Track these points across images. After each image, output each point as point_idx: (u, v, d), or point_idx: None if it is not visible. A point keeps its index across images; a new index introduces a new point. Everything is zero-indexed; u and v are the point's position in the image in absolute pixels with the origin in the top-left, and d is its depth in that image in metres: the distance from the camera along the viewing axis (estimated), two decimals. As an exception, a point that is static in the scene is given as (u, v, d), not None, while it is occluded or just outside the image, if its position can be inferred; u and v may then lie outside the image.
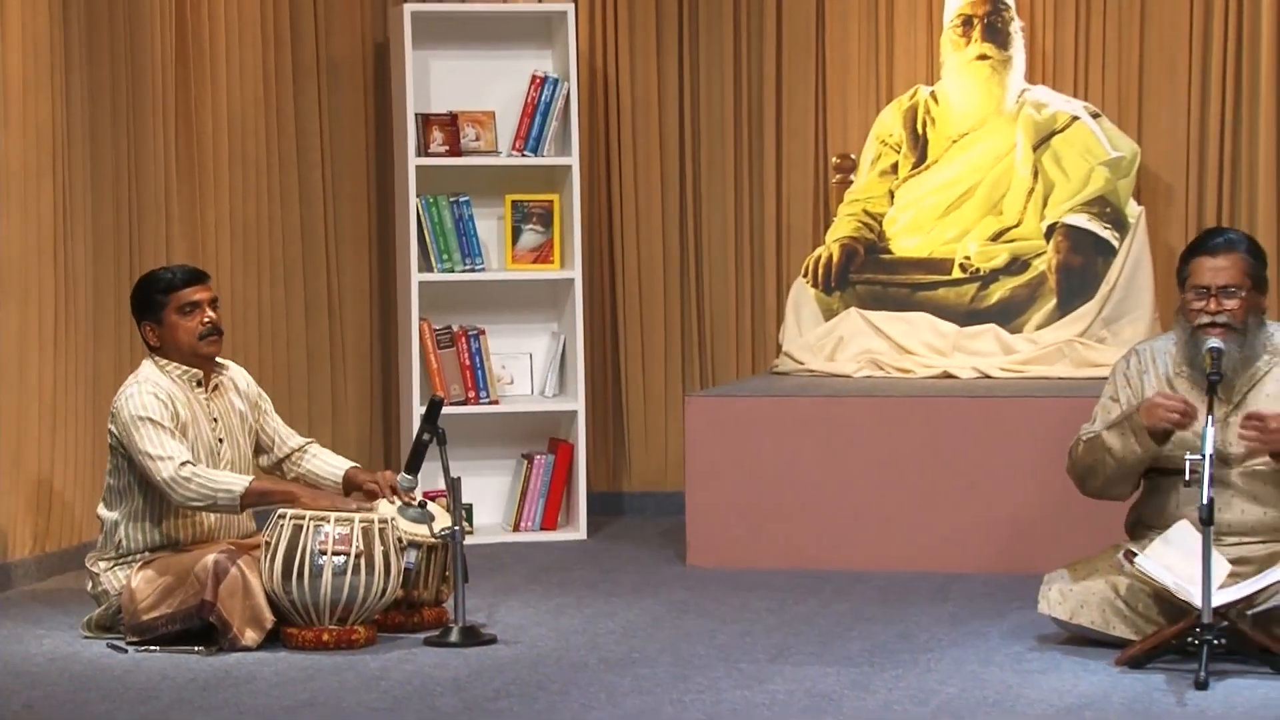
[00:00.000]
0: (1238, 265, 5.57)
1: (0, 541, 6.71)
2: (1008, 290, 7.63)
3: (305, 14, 8.04)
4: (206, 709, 5.06)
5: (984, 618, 6.10)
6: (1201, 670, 5.14)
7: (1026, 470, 6.84)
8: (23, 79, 6.75)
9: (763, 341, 8.23)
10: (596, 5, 8.29)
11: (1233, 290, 5.56)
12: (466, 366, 7.79)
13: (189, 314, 5.96)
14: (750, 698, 5.12)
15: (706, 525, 7.12)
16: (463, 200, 7.82)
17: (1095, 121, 7.70)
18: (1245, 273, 5.58)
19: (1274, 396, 5.58)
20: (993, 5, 7.77)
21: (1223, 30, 7.76)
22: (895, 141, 7.88)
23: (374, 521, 5.77)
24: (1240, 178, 7.79)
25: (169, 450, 5.80)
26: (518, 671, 5.45)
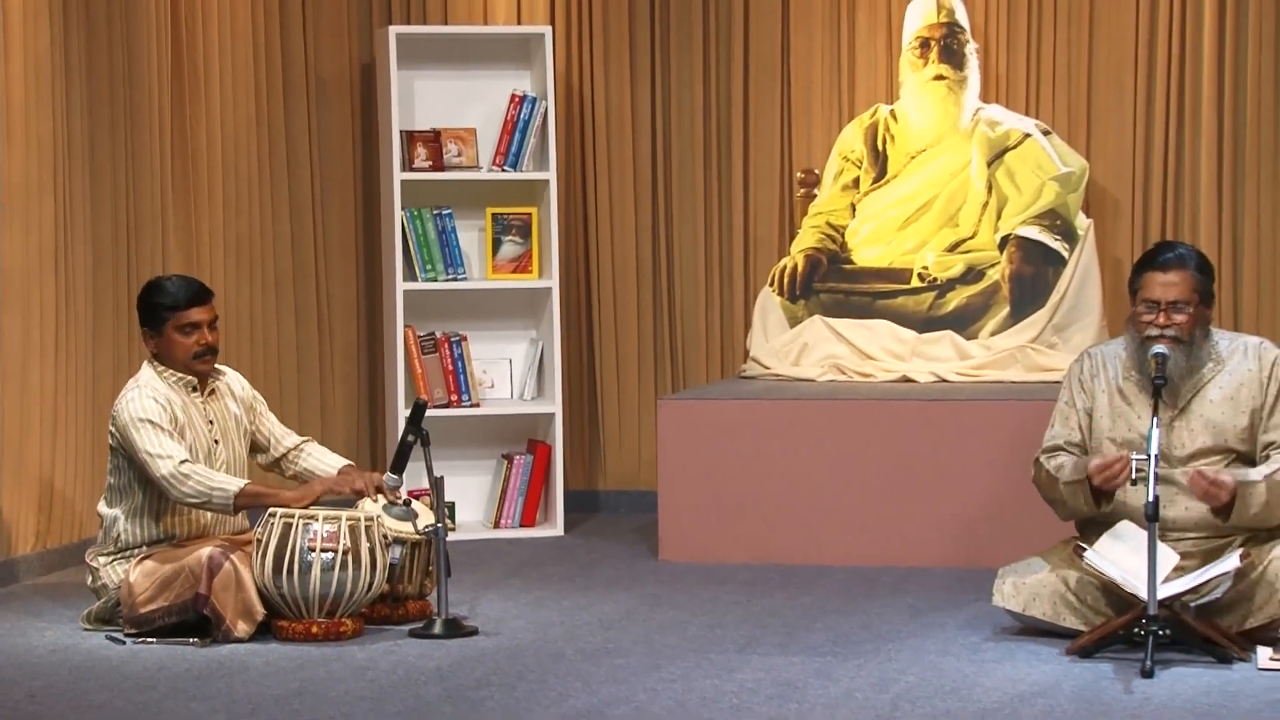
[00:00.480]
0: (1187, 281, 5.58)
1: (5, 538, 6.70)
2: (964, 299, 7.64)
3: (295, 35, 8.03)
4: (201, 698, 5.05)
5: (942, 610, 6.10)
6: (1147, 659, 5.15)
7: (981, 470, 6.85)
8: (25, 97, 6.74)
9: (731, 347, 8.23)
10: (573, 28, 8.28)
11: (1181, 305, 5.57)
12: (449, 371, 7.79)
13: (188, 333, 5.95)
14: (719, 686, 5.12)
15: (678, 522, 7.12)
16: (445, 213, 7.81)
17: (1046, 139, 7.72)
18: (1194, 288, 5.59)
19: (1217, 402, 5.60)
20: (949, 28, 7.78)
21: (1166, 54, 7.78)
22: (857, 157, 7.89)
23: (361, 519, 5.77)
24: (1183, 192, 7.81)
25: (168, 449, 5.79)
26: (498, 661, 5.44)
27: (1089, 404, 5.71)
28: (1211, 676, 5.14)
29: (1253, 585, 5.43)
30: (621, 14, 8.26)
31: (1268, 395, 5.59)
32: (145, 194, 7.32)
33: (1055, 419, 5.77)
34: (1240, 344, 5.68)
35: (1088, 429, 5.71)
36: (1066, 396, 5.77)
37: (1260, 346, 5.67)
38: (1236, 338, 5.74)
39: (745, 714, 4.83)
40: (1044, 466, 5.69)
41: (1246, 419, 5.58)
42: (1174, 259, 5.60)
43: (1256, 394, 5.59)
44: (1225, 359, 5.63)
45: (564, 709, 4.90)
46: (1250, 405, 5.58)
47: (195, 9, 7.59)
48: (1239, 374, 5.61)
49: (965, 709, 4.86)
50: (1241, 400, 5.59)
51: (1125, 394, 5.66)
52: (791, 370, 7.65)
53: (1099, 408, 5.70)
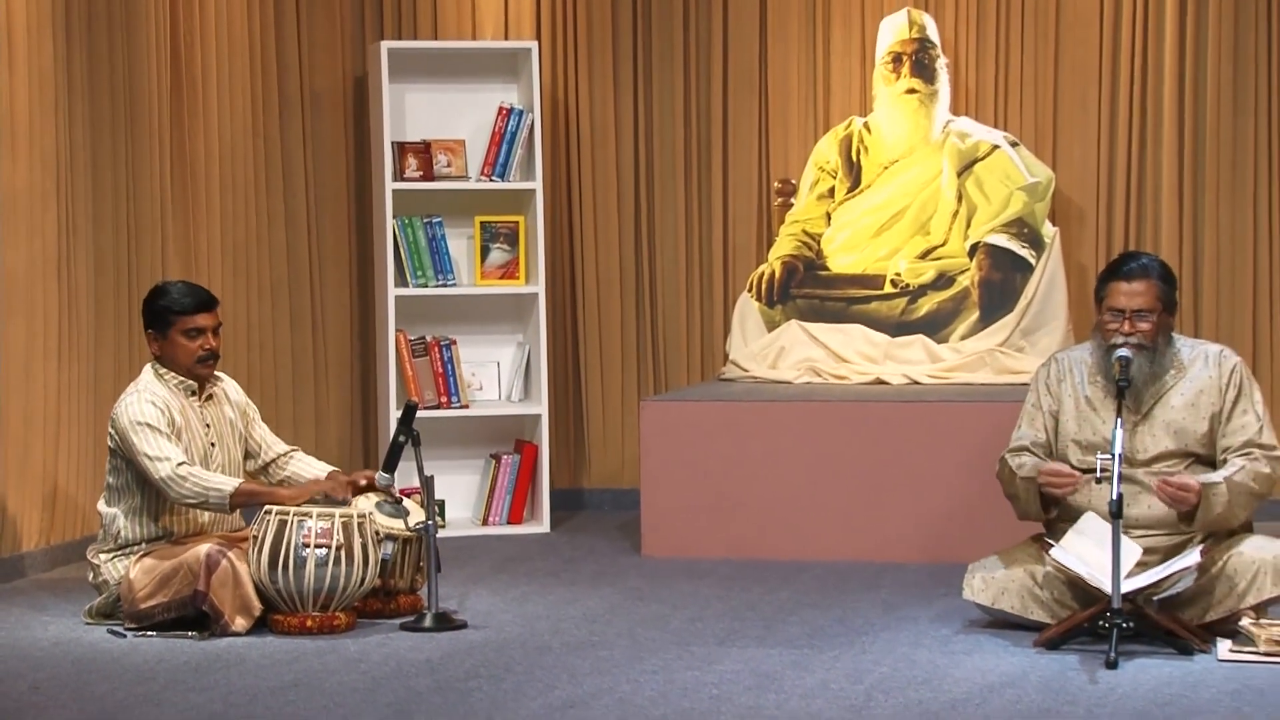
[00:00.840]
0: (1151, 291, 5.60)
1: (11, 535, 6.69)
2: (935, 304, 7.64)
3: (290, 50, 8.03)
4: (199, 689, 5.04)
5: (914, 604, 6.11)
6: (1112, 651, 5.15)
7: (952, 468, 6.85)
8: (29, 109, 6.73)
9: (711, 351, 8.23)
10: (558, 43, 8.29)
11: (1145, 314, 5.59)
12: (439, 374, 7.78)
13: (192, 338, 5.95)
14: (700, 677, 5.12)
15: (660, 519, 7.12)
16: (435, 221, 7.81)
17: (1014, 150, 7.73)
18: (1157, 297, 5.60)
19: (1179, 408, 5.61)
20: (920, 44, 7.79)
21: (1129, 69, 7.80)
22: (832, 168, 7.90)
23: (354, 516, 5.77)
24: (1145, 201, 7.82)
25: (166, 452, 5.79)
26: (486, 654, 5.44)
27: (1055, 407, 5.72)
28: (1173, 667, 5.15)
29: (1213, 580, 5.44)
30: (605, 30, 8.26)
31: (1226, 401, 5.60)
32: (145, 203, 7.31)
33: (1022, 420, 5.78)
34: (1201, 351, 5.69)
35: (1053, 431, 5.72)
36: (1033, 399, 5.78)
37: (1220, 354, 5.68)
38: (1198, 345, 5.75)
39: (725, 704, 4.83)
40: (1008, 463, 5.70)
41: (1206, 424, 5.59)
42: (1138, 269, 5.62)
43: (1216, 400, 5.60)
44: (1187, 366, 5.64)
45: (550, 700, 4.90)
46: (1210, 411, 5.60)
47: (194, 25, 7.58)
48: (1200, 381, 5.62)
49: (937, 699, 4.86)
50: (1202, 406, 5.60)
51: (1090, 399, 5.67)
52: (769, 373, 7.65)
53: (1065, 411, 5.70)
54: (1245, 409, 5.59)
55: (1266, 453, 5.54)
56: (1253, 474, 5.49)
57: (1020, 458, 5.68)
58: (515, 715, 4.75)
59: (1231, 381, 5.61)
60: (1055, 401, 5.72)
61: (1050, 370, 5.79)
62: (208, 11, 7.65)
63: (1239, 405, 5.59)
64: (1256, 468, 5.50)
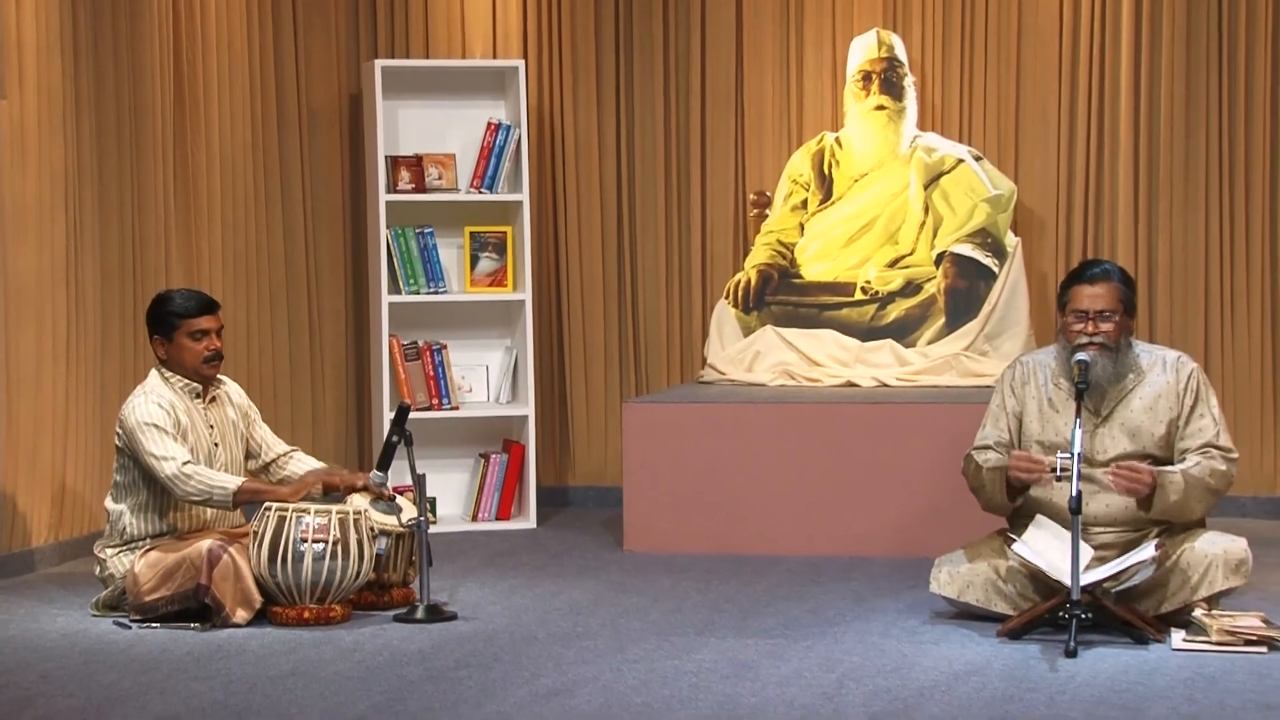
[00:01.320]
0: (1113, 293, 5.61)
1: (21, 531, 6.67)
2: (903, 310, 7.65)
3: (288, 68, 8.02)
4: (201, 678, 5.03)
5: (883, 596, 6.11)
6: (1071, 641, 5.16)
7: (920, 467, 6.86)
8: (38, 125, 6.71)
9: (690, 354, 8.24)
10: (544, 61, 8.28)
11: (1108, 315, 5.60)
12: (430, 377, 7.77)
13: (197, 339, 5.95)
14: (680, 666, 5.11)
15: (641, 515, 7.11)
16: (427, 231, 7.80)
17: (978, 164, 7.74)
18: (1119, 299, 5.62)
19: (1137, 411, 5.61)
20: (889, 63, 7.80)
21: (1087, 86, 7.81)
22: (805, 181, 7.90)
23: (349, 513, 5.76)
24: (1103, 212, 7.84)
25: (172, 451, 5.78)
26: (476, 644, 5.43)
27: (1019, 409, 5.73)
28: (1130, 656, 5.15)
29: (1167, 573, 5.45)
30: (589, 49, 8.26)
31: (1184, 406, 5.61)
32: (149, 214, 7.30)
33: (987, 420, 5.78)
34: (1159, 356, 5.70)
35: (1017, 431, 5.73)
36: (998, 400, 5.78)
37: (1178, 360, 5.69)
38: (1155, 350, 5.76)
39: (703, 692, 4.82)
40: (974, 459, 5.71)
41: (1164, 427, 5.60)
42: (1100, 273, 5.63)
43: (1174, 404, 5.61)
44: (1146, 371, 5.65)
45: (536, 688, 4.89)
46: (1168, 415, 5.60)
47: (196, 45, 7.57)
48: (1158, 385, 5.63)
49: (905, 687, 4.86)
50: (1160, 410, 5.61)
51: (1053, 400, 5.67)
52: (745, 376, 7.65)
53: (1029, 412, 5.71)
54: (1203, 413, 5.60)
55: (1224, 454, 5.56)
56: (1210, 470, 5.50)
57: (985, 454, 5.69)
58: (503, 703, 4.74)
59: (1189, 387, 5.62)
60: (1019, 403, 5.73)
61: (1015, 373, 5.79)
62: (209, 31, 7.64)
63: (1197, 410, 5.60)
64: (1214, 465, 5.52)
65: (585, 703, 4.73)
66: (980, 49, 7.95)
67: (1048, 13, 7.85)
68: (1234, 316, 7.69)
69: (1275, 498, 7.66)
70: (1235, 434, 7.50)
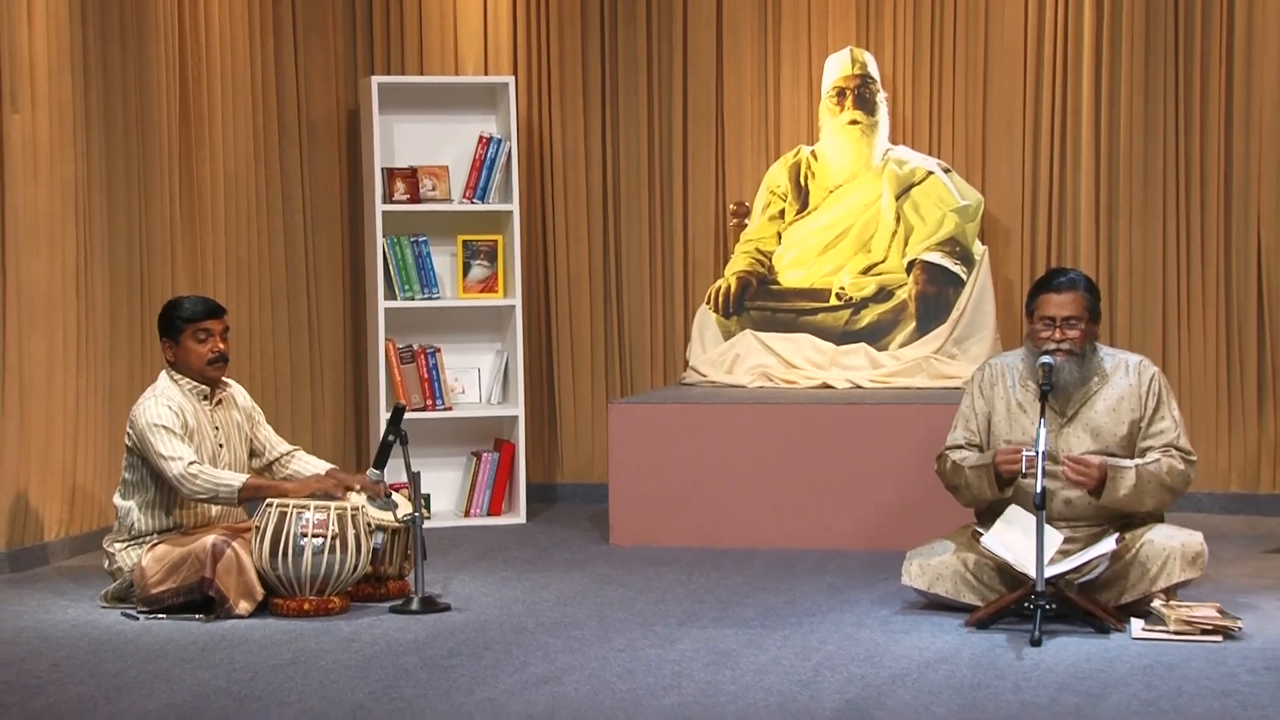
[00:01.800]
0: (1079, 301, 5.62)
1: (34, 526, 6.65)
2: (875, 315, 7.66)
3: (289, 84, 8.01)
4: (205, 667, 5.02)
5: (856, 588, 6.11)
6: (1036, 630, 5.16)
7: (892, 464, 6.86)
8: (50, 140, 6.70)
9: (673, 357, 8.24)
10: (534, 78, 8.28)
11: (1074, 322, 5.61)
12: (425, 379, 7.76)
13: (202, 341, 5.94)
14: (663, 655, 5.11)
15: (627, 511, 7.11)
16: (421, 240, 7.79)
17: (947, 175, 7.75)
18: (1084, 307, 5.63)
19: (1101, 412, 5.62)
20: (862, 79, 7.80)
21: (1050, 102, 7.82)
22: (782, 192, 7.90)
23: (347, 509, 5.75)
24: (1065, 222, 7.85)
25: (179, 452, 5.77)
26: (468, 634, 5.43)
27: (988, 409, 5.73)
28: (1092, 645, 5.16)
29: (1127, 565, 5.46)
30: (576, 66, 8.26)
31: (1146, 409, 5.62)
32: (156, 224, 7.29)
33: (958, 422, 5.79)
34: (1122, 360, 5.72)
35: (986, 431, 5.73)
36: (968, 402, 5.79)
37: (1140, 364, 5.70)
38: (1118, 354, 5.77)
39: (685, 680, 4.82)
40: (949, 458, 5.71)
41: (1126, 428, 5.61)
42: (1066, 282, 5.65)
43: (1136, 407, 5.62)
44: (1110, 374, 5.66)
45: (526, 675, 4.89)
46: (1130, 416, 5.61)
47: (200, 62, 7.56)
48: (1121, 387, 5.64)
49: (878, 674, 4.86)
50: (1122, 411, 5.62)
51: (1021, 402, 5.68)
52: (726, 378, 7.66)
53: (997, 413, 5.71)
54: (1164, 415, 5.62)
55: (1184, 455, 5.57)
56: (1167, 468, 5.51)
57: (960, 453, 5.69)
58: (494, 690, 4.73)
59: (1151, 390, 5.63)
60: (988, 405, 5.73)
61: (984, 375, 5.80)
62: (213, 49, 7.63)
63: (1158, 412, 5.62)
64: (1171, 463, 5.53)
65: (573, 690, 4.73)
66: (949, 67, 7.96)
67: (1013, 32, 7.86)
68: (1190, 320, 7.70)
69: (1230, 494, 7.68)
70: (1191, 433, 7.52)
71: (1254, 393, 7.63)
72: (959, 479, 5.67)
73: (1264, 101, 7.55)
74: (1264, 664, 4.91)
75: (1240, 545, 6.85)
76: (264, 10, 7.89)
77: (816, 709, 4.52)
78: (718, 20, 8.18)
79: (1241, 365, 7.64)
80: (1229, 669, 4.86)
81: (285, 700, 4.65)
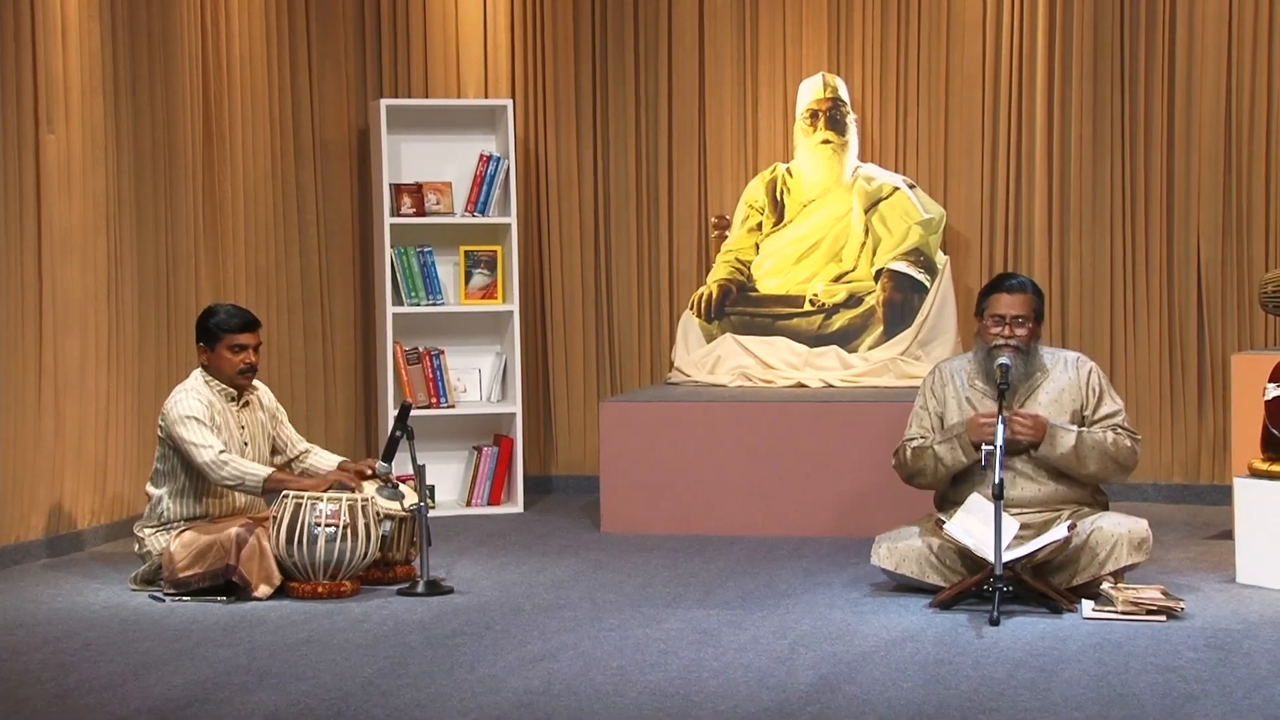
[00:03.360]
0: (1027, 302, 5.63)
1: (69, 515, 6.63)
2: (846, 320, 7.65)
3: (304, 107, 7.99)
4: (227, 645, 5.01)
5: (829, 571, 6.11)
6: (995, 611, 5.17)
7: (862, 457, 6.86)
8: (83, 158, 6.68)
9: (659, 359, 8.23)
10: (530, 100, 8.27)
11: (1022, 320, 5.62)
12: (430, 379, 7.75)
13: (235, 352, 5.93)
14: (650, 634, 5.10)
15: (617, 501, 7.10)
16: (426, 250, 7.78)
17: (912, 191, 7.75)
18: (1032, 308, 5.65)
19: (1045, 404, 5.64)
20: (833, 102, 7.80)
21: (1007, 123, 7.83)
22: (760, 206, 7.90)
23: (358, 500, 5.74)
24: (1021, 234, 7.85)
25: (209, 440, 5.77)
26: (470, 615, 5.42)
27: (940, 409, 5.74)
28: (1046, 625, 5.16)
29: (1078, 550, 5.46)
30: (569, 89, 8.26)
31: (1089, 400, 5.64)
32: (181, 236, 7.27)
33: (912, 421, 5.80)
34: (1061, 357, 5.74)
35: (938, 429, 5.74)
36: (921, 403, 5.80)
37: (1078, 360, 5.72)
38: (1057, 352, 5.79)
39: (671, 657, 4.82)
40: (906, 449, 5.71)
41: (1068, 418, 5.62)
42: (1017, 284, 5.67)
43: (1077, 398, 5.64)
44: (1050, 369, 5.69)
45: (523, 653, 4.88)
46: (1072, 407, 5.63)
47: (222, 86, 7.55)
48: (1061, 381, 5.66)
49: (849, 651, 4.86)
50: (1064, 402, 5.63)
51: (971, 399, 5.69)
52: (708, 378, 7.65)
53: (949, 411, 5.72)
54: (1105, 402, 5.66)
55: (1129, 433, 5.60)
56: (1111, 439, 5.54)
57: (916, 442, 5.69)
58: (494, 666, 4.72)
59: (1090, 383, 5.66)
60: (940, 404, 5.74)
61: (934, 378, 5.81)
62: (234, 74, 7.61)
63: (1101, 400, 5.65)
64: (1115, 436, 5.56)
65: (566, 666, 4.72)
66: (913, 90, 7.96)
67: (972, 60, 7.87)
68: (1135, 325, 7.71)
69: (1173, 484, 7.68)
70: (1137, 429, 7.53)
71: (1195, 391, 7.64)
72: (920, 461, 5.66)
73: (1203, 124, 7.56)
74: (1204, 642, 4.92)
75: (1182, 532, 6.86)
76: (281, 38, 7.88)
77: (792, 684, 4.51)
78: (700, 47, 8.18)
79: (1183, 366, 7.65)
80: (1173, 646, 4.86)
81: (301, 676, 4.64)
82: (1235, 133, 7.51)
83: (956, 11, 7.86)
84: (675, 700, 4.36)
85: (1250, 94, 7.49)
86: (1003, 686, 4.46)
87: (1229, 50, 7.51)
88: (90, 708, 4.37)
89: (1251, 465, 5.82)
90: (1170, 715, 4.18)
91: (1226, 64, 7.52)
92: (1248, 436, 6.15)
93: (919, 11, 7.92)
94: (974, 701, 4.32)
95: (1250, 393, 6.20)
